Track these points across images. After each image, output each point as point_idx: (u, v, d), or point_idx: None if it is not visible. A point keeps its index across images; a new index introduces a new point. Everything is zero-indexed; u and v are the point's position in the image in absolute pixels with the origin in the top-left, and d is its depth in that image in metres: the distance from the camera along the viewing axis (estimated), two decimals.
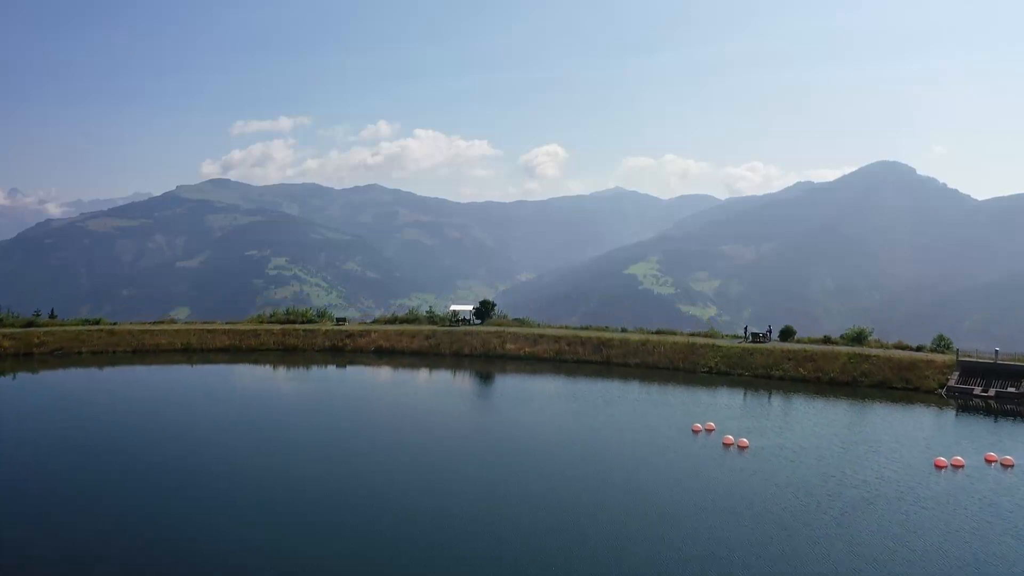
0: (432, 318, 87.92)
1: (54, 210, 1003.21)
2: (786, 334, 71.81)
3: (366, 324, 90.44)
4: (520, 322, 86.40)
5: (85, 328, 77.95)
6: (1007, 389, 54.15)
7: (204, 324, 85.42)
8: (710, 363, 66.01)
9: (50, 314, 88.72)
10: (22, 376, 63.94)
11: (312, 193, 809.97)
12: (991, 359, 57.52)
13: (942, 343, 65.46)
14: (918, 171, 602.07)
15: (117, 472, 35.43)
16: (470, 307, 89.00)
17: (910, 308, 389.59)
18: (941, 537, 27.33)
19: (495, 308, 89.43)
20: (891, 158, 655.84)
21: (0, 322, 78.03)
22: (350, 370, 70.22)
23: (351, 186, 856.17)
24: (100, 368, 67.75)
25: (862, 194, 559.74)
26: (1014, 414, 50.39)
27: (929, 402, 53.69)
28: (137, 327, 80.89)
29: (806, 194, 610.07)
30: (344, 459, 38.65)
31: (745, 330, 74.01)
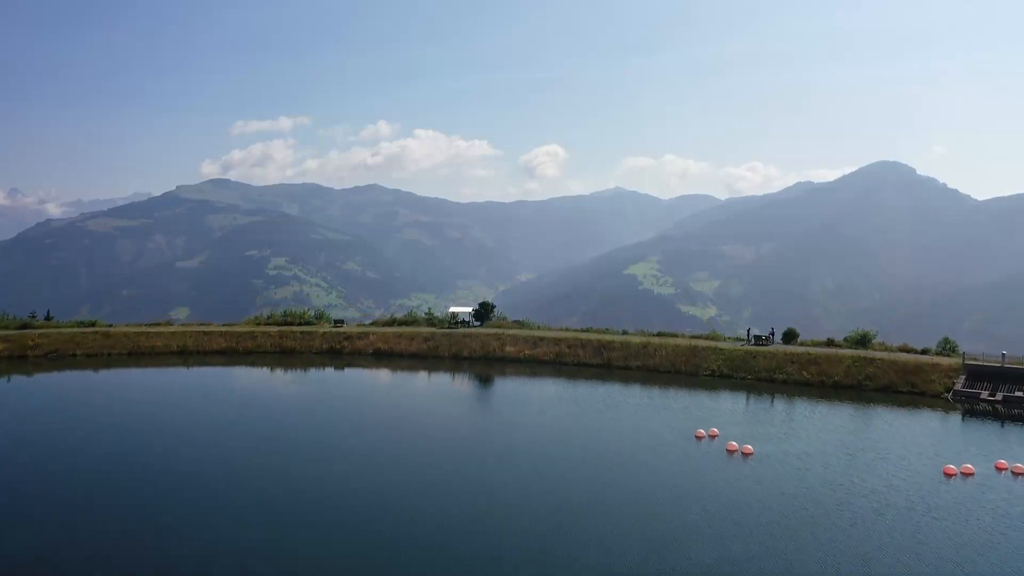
0: (431, 320, 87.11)
1: (54, 210, 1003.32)
2: (789, 337, 71.03)
3: (364, 326, 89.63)
4: (520, 324, 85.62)
5: (80, 330, 77.12)
6: (1014, 393, 53.29)
7: (201, 326, 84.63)
8: (712, 366, 65.21)
9: (46, 316, 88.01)
10: (16, 378, 63.18)
11: (312, 193, 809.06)
12: (998, 362, 56.69)
13: (947, 346, 64.63)
14: (918, 171, 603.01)
15: (115, 473, 35.19)
16: (469, 309, 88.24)
17: (910, 308, 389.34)
18: (954, 550, 26.52)
19: (494, 310, 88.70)
20: (891, 158, 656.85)
21: None
22: (348, 372, 69.45)
23: (351, 186, 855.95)
24: (95, 371, 66.91)
25: (862, 194, 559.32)
26: (1022, 419, 49.67)
27: (935, 406, 52.87)
28: (133, 329, 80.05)
29: (806, 194, 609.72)
30: (343, 460, 38.37)
31: (748, 332, 73.19)
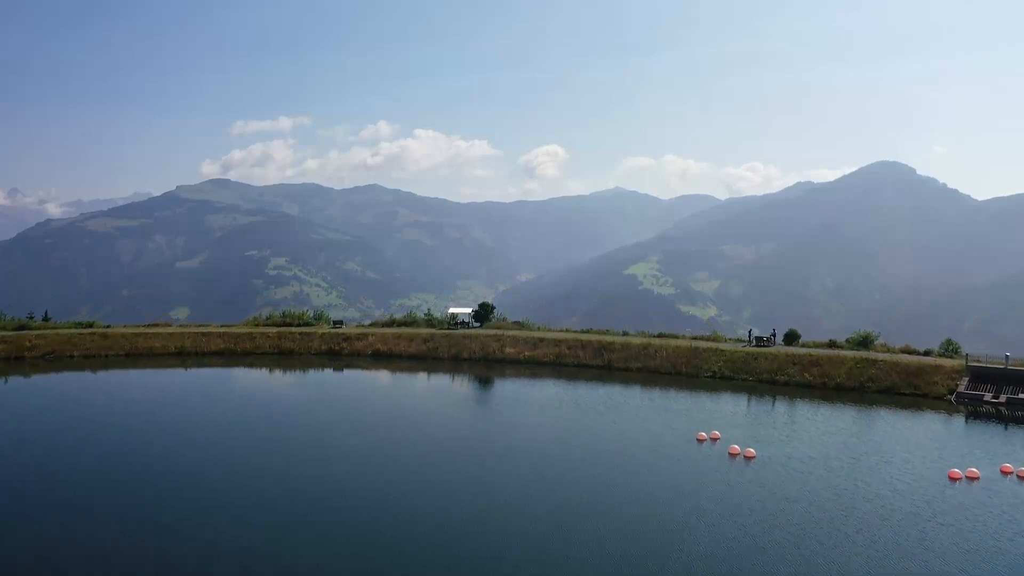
0: (430, 321, 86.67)
1: (54, 210, 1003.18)
2: (790, 338, 70.55)
3: (363, 327, 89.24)
4: (520, 325, 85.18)
5: (77, 331, 76.69)
6: (1018, 396, 52.82)
7: (199, 327, 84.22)
8: (713, 368, 64.76)
9: (44, 316, 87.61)
10: (14, 380, 62.85)
11: (312, 193, 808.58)
12: (1001, 364, 56.24)
13: (950, 347, 64.10)
14: (918, 171, 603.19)
15: (115, 473, 35.09)
16: (469, 310, 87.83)
17: (910, 308, 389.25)
18: (961, 556, 26.09)
19: (494, 311, 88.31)
20: (891, 158, 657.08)
21: None
22: (347, 374, 69.05)
23: (351, 186, 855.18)
24: (93, 372, 66.51)
25: (862, 194, 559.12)
26: None
27: (938, 408, 52.44)
28: (131, 330, 79.59)
29: (806, 194, 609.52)
30: (343, 460, 38.23)
31: (749, 334, 72.77)
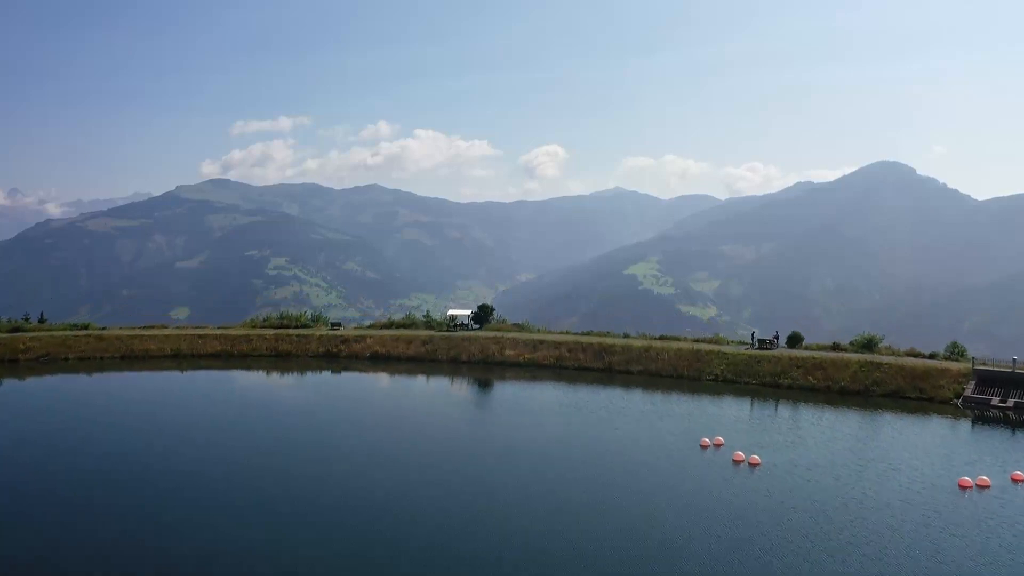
0: (429, 323, 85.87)
1: (54, 210, 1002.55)
2: (794, 340, 69.68)
3: (362, 328, 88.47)
4: (519, 327, 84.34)
5: (72, 333, 75.93)
6: None
7: (195, 329, 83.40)
8: (716, 371, 63.92)
9: (39, 318, 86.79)
10: (8, 382, 62.23)
11: (312, 193, 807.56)
12: (1009, 368, 55.42)
13: (956, 350, 63.24)
14: (918, 171, 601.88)
15: (115, 473, 34.97)
16: (468, 311, 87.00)
17: (910, 308, 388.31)
18: (975, 569, 25.30)
19: (493, 312, 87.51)
20: (891, 158, 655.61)
21: None
22: (345, 376, 68.28)
23: (351, 186, 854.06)
24: (88, 374, 65.79)
25: (862, 194, 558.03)
26: None
27: (944, 413, 51.65)
28: (126, 332, 78.75)
29: (806, 194, 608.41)
30: (343, 460, 38.15)
31: (752, 336, 71.99)
